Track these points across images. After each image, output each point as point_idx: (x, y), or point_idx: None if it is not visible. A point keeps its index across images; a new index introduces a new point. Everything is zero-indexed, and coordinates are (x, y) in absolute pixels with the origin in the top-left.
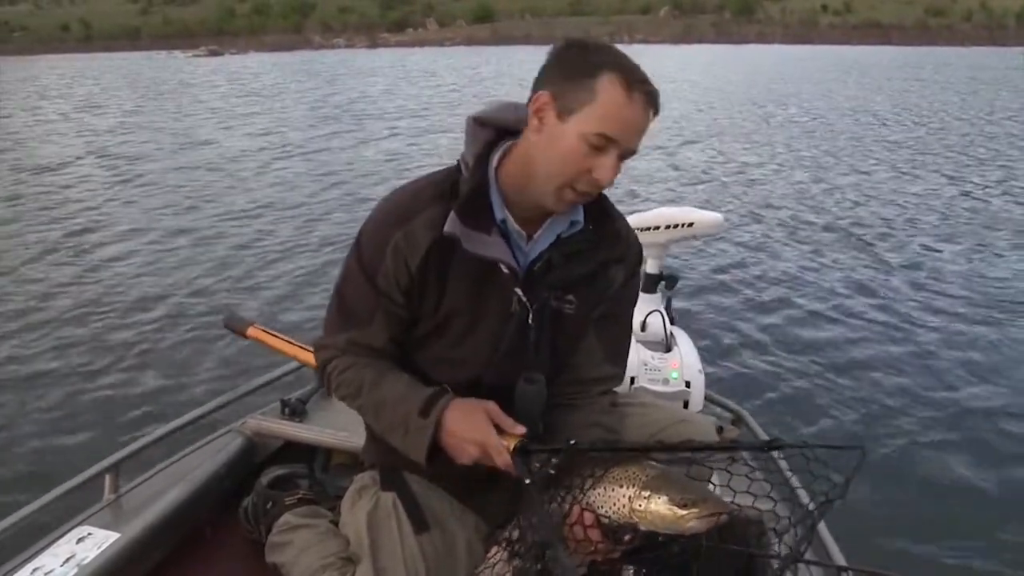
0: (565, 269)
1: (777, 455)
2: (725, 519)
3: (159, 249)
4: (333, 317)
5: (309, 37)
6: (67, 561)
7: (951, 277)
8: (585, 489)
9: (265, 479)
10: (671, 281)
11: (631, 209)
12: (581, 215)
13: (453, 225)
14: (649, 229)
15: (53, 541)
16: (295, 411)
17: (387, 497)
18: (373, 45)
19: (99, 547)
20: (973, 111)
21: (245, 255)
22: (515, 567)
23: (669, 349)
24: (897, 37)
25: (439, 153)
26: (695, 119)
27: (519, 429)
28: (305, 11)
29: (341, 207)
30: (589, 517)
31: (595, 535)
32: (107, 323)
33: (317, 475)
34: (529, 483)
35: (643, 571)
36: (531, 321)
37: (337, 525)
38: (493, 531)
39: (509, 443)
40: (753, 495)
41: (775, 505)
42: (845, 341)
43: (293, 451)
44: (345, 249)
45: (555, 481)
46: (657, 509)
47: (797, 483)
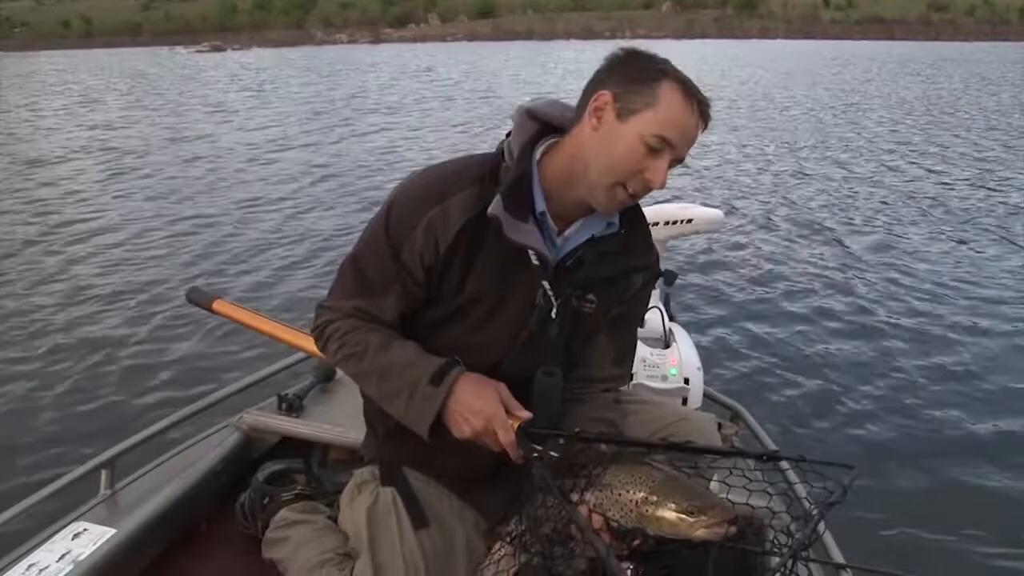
0: (593, 268)
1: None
2: (734, 530)
3: (154, 242)
4: (345, 282)
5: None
6: (63, 557)
7: (958, 274)
8: (592, 489)
9: (262, 474)
10: (670, 277)
11: None
12: (617, 217)
13: (497, 208)
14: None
15: (49, 537)
16: (292, 406)
17: (387, 493)
18: (376, 40)
19: (95, 543)
20: (979, 105)
21: (243, 249)
22: (522, 562)
23: (668, 346)
24: (900, 32)
25: (433, 148)
26: None
27: (524, 413)
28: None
29: (335, 199)
30: (598, 520)
31: (604, 538)
32: (102, 317)
33: (314, 470)
34: (537, 456)
35: (640, 570)
36: (554, 315)
37: (334, 521)
38: (493, 527)
39: (513, 424)
40: (750, 491)
41: (770, 499)
42: (844, 338)
43: (290, 446)
44: (333, 241)
45: (559, 470)
46: (666, 516)
47: (795, 478)
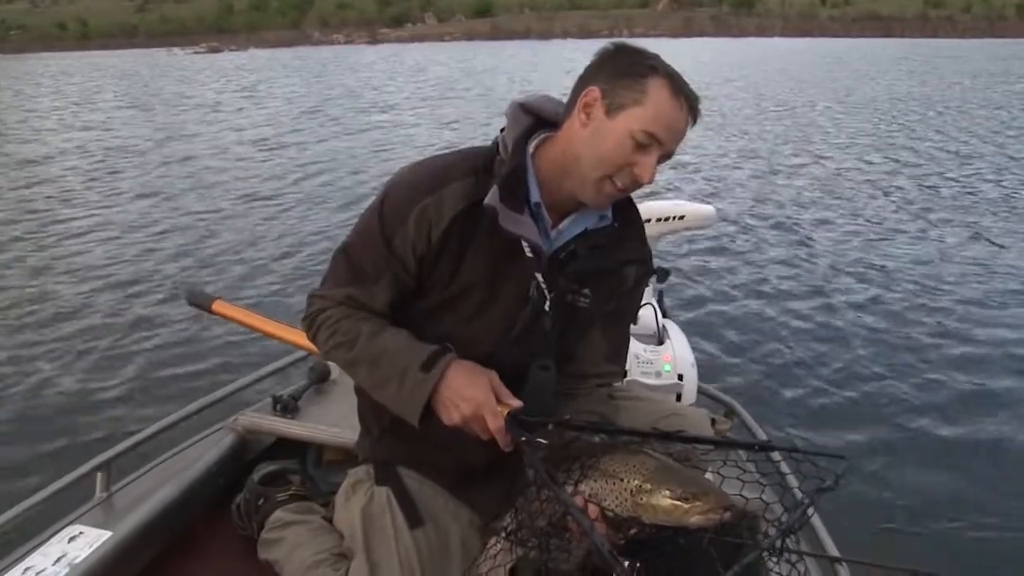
0: (586, 261)
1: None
2: (728, 516)
3: (151, 243)
4: (337, 271)
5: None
6: (59, 560)
7: (956, 271)
8: (587, 479)
9: (257, 475)
10: (663, 274)
11: None
12: (610, 212)
13: (493, 198)
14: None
15: (44, 540)
16: (287, 407)
17: (381, 492)
18: (373, 41)
19: (91, 546)
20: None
21: (239, 246)
22: (517, 556)
23: (661, 342)
24: (898, 29)
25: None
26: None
27: (515, 401)
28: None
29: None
30: (594, 510)
31: (600, 527)
32: (95, 320)
33: (309, 471)
34: (525, 442)
35: (637, 564)
36: (548, 308)
37: (329, 521)
38: (488, 524)
39: (502, 411)
40: (743, 482)
41: (763, 491)
42: (837, 333)
43: (285, 447)
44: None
45: (548, 462)
46: (660, 503)
47: (787, 469)
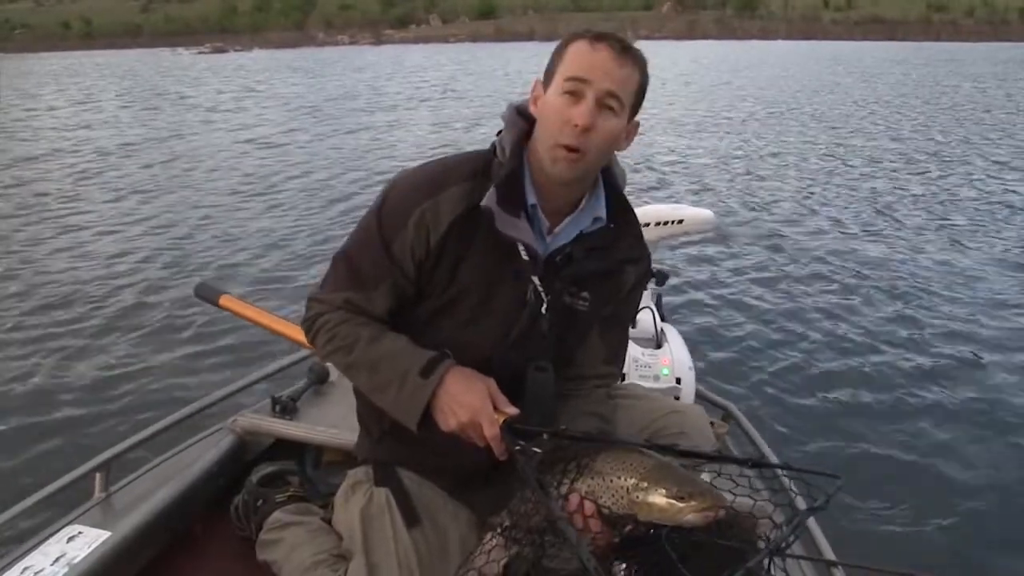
0: (583, 264)
1: (768, 451)
2: (723, 514)
3: (148, 241)
4: (336, 275)
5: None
6: (57, 560)
7: (956, 275)
8: (583, 477)
9: (255, 477)
10: (661, 277)
11: None
12: (604, 212)
13: (491, 201)
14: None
15: (43, 540)
16: (286, 408)
17: (381, 493)
18: (377, 41)
19: (90, 546)
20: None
21: (236, 245)
22: (512, 554)
23: (660, 346)
24: (901, 32)
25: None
26: (691, 115)
27: (511, 409)
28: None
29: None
30: (590, 507)
31: (595, 525)
32: (95, 319)
33: (308, 472)
34: (520, 451)
35: (634, 568)
36: (545, 311)
37: (328, 522)
38: (485, 520)
39: (499, 419)
40: (735, 495)
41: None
42: (835, 337)
43: (284, 448)
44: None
45: (545, 464)
46: (656, 501)
47: (780, 486)
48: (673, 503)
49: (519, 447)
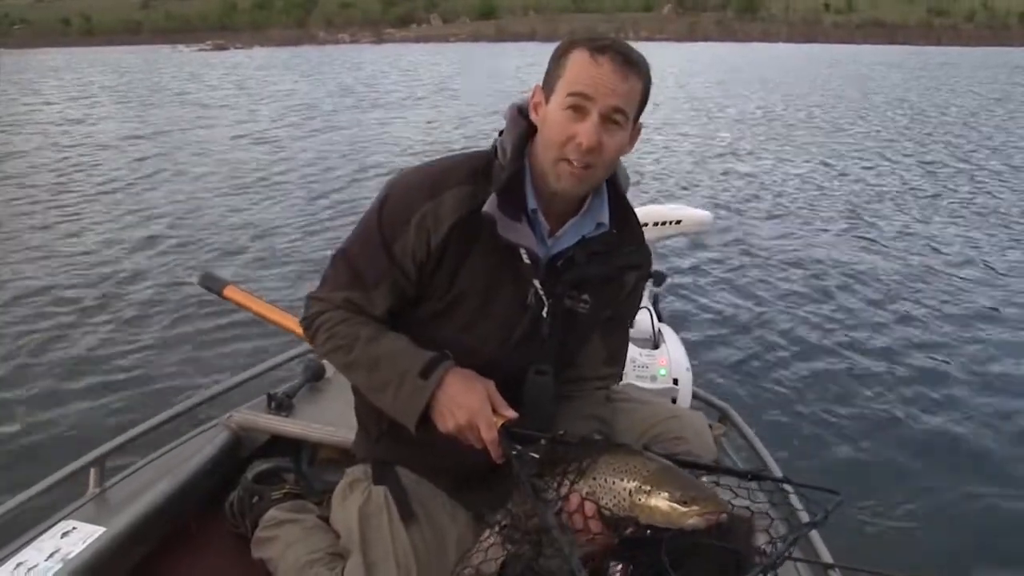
0: (585, 269)
1: (765, 453)
2: (725, 518)
3: (146, 237)
4: (336, 274)
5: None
6: (52, 555)
7: (952, 273)
8: (584, 478)
9: (251, 473)
10: (659, 278)
11: None
12: (607, 218)
13: (492, 206)
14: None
15: (38, 535)
16: (281, 405)
17: (378, 491)
18: (378, 40)
19: (84, 541)
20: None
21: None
22: (509, 552)
23: (657, 346)
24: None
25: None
26: (690, 117)
27: (510, 412)
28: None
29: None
30: (590, 507)
31: (595, 526)
32: (90, 315)
33: (303, 469)
34: (516, 455)
35: (630, 568)
36: (546, 315)
37: (323, 520)
38: (483, 518)
39: (497, 422)
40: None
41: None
42: (833, 338)
43: (279, 445)
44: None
45: (545, 465)
46: (658, 504)
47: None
48: (676, 507)
49: (516, 451)
